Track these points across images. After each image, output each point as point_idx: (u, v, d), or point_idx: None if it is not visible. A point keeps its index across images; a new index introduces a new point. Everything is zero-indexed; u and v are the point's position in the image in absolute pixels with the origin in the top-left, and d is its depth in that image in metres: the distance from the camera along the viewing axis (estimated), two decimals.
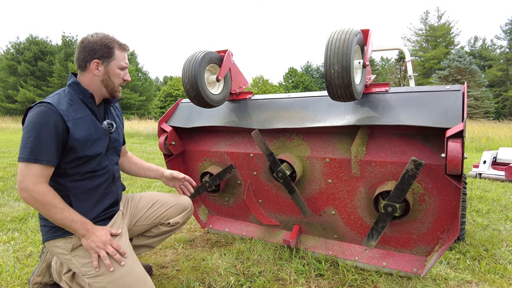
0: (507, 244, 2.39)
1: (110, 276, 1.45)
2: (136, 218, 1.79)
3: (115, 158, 1.71)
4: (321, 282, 1.85)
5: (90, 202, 1.54)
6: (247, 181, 2.37)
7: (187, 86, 1.98)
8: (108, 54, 1.53)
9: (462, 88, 1.69)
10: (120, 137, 1.76)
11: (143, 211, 1.81)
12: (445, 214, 1.78)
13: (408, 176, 1.62)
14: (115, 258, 1.47)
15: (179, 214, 1.88)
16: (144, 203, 1.84)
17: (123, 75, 1.61)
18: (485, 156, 5.30)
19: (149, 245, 1.88)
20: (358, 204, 2.01)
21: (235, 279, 1.85)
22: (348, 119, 1.86)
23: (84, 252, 1.48)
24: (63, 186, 1.48)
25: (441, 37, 36.65)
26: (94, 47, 1.52)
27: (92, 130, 1.52)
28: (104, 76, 1.55)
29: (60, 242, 1.50)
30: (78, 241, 1.48)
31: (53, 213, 1.40)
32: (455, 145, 1.50)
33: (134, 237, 1.84)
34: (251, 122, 2.19)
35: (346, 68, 1.52)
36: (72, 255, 1.49)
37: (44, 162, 1.36)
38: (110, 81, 1.57)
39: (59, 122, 1.40)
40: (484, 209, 3.27)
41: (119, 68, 1.57)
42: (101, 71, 1.54)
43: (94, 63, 1.52)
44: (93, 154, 1.51)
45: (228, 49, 2.19)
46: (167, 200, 1.88)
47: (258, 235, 2.43)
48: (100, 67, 1.53)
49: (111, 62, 1.55)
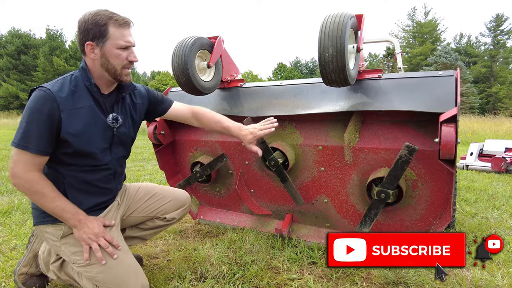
0: (495, 231, 2.42)
1: (100, 266, 1.41)
2: (131, 209, 1.71)
3: (122, 152, 1.58)
4: (314, 269, 1.83)
5: (85, 194, 1.46)
6: (239, 170, 2.34)
7: (177, 72, 1.93)
8: (101, 34, 1.33)
9: (455, 74, 1.68)
10: (132, 130, 1.60)
11: (140, 202, 1.73)
12: (437, 200, 1.79)
13: (402, 162, 1.61)
14: (107, 251, 1.41)
15: (177, 210, 1.80)
16: (142, 195, 1.75)
17: (127, 56, 1.39)
18: (472, 148, 5.39)
19: (142, 237, 1.82)
20: (351, 192, 2.00)
21: (228, 268, 1.82)
22: (341, 106, 1.84)
23: (75, 240, 1.42)
24: (59, 173, 1.40)
25: (427, 33, 37.10)
26: (87, 27, 1.33)
27: (90, 123, 1.38)
28: (101, 59, 1.36)
29: (50, 228, 1.43)
30: (69, 230, 1.42)
31: (43, 202, 1.33)
32: (449, 129, 1.50)
33: (127, 228, 1.77)
34: (243, 110, 2.16)
35: (341, 52, 1.50)
36: (61, 242, 1.43)
37: (33, 151, 1.28)
38: (110, 64, 1.37)
39: (54, 110, 1.28)
40: (472, 199, 3.32)
41: (118, 48, 1.36)
42: (97, 54, 1.36)
43: (88, 46, 1.34)
44: (91, 150, 1.39)
45: (219, 35, 2.14)
46: (165, 194, 1.79)
47: (250, 225, 2.40)
48: (95, 49, 1.35)
49: (106, 42, 1.34)
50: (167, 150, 2.55)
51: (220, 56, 2.17)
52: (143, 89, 1.69)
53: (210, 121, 1.78)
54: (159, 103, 1.74)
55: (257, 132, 1.70)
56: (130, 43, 1.40)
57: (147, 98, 1.69)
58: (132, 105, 1.60)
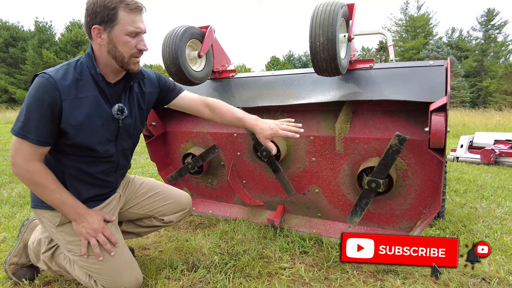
0: (483, 220, 2.46)
1: (97, 259, 1.40)
2: (131, 204, 1.67)
3: (127, 143, 1.50)
4: (306, 259, 1.85)
5: (85, 185, 1.42)
6: (231, 161, 2.33)
7: (168, 62, 1.91)
8: (110, 18, 1.23)
9: (445, 64, 1.69)
10: (139, 121, 1.52)
11: (141, 198, 1.68)
12: (427, 189, 1.81)
13: (392, 152, 1.62)
14: (105, 247, 1.40)
15: (176, 213, 1.74)
16: (144, 191, 1.70)
17: (136, 43, 1.30)
18: (462, 141, 5.45)
19: (137, 233, 1.79)
20: (342, 182, 2.01)
21: (220, 258, 1.82)
22: (332, 95, 1.84)
23: (71, 229, 1.41)
24: (59, 162, 1.36)
25: (420, 27, 37.26)
26: (95, 9, 1.23)
27: (93, 114, 1.31)
28: (109, 46, 1.27)
29: (47, 214, 1.41)
30: (66, 218, 1.40)
31: (43, 193, 1.30)
32: (439, 118, 1.50)
33: (124, 222, 1.74)
34: (234, 100, 2.15)
35: (332, 40, 1.50)
36: (57, 230, 1.41)
37: (33, 141, 1.23)
38: (118, 52, 1.28)
39: (56, 99, 1.22)
40: (462, 189, 3.36)
41: (127, 35, 1.27)
42: (104, 40, 1.27)
43: (95, 30, 1.25)
44: (92, 142, 1.33)
45: (210, 25, 2.12)
46: (167, 194, 1.73)
47: (242, 216, 2.41)
48: (102, 34, 1.26)
49: (114, 27, 1.25)
50: (158, 142, 2.53)
51: (211, 46, 2.15)
52: (153, 76, 1.58)
53: (226, 114, 1.64)
54: (170, 91, 1.63)
55: (279, 131, 1.54)
56: (141, 30, 1.30)
57: (158, 86, 1.58)
58: (141, 94, 1.50)
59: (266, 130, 1.55)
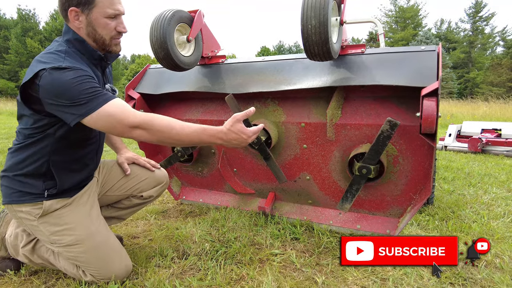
0: (471, 206, 2.50)
1: (83, 247, 1.36)
2: (106, 188, 1.66)
3: None
4: (297, 245, 1.85)
5: (69, 172, 1.39)
6: (221, 149, 2.30)
7: (155, 46, 1.85)
8: (87, 0, 1.23)
9: (437, 49, 1.68)
10: None
11: (115, 180, 1.68)
12: (418, 175, 1.81)
13: (383, 137, 1.61)
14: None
15: (153, 188, 1.76)
16: (117, 172, 1.70)
17: (115, 26, 1.31)
18: (450, 130, 5.52)
19: (119, 217, 1.78)
20: (333, 168, 2.00)
21: (210, 245, 1.80)
22: (324, 81, 1.82)
23: (55, 219, 1.36)
24: (45, 149, 1.31)
25: (409, 18, 37.41)
26: None
27: None
28: (87, 28, 1.27)
29: (26, 207, 1.35)
30: (49, 207, 1.34)
31: (174, 134, 1.24)
32: (430, 103, 1.50)
33: (103, 208, 1.71)
34: (224, 87, 2.11)
35: (324, 23, 1.47)
36: (40, 221, 1.36)
37: (110, 98, 1.20)
38: (98, 34, 1.28)
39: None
40: (450, 177, 3.41)
41: (106, 17, 1.27)
42: (82, 22, 1.26)
43: (72, 12, 1.24)
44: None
45: (199, 9, 2.06)
46: (142, 171, 1.74)
47: (233, 204, 2.39)
48: (80, 16, 1.25)
49: (92, 9, 1.25)
50: None
51: (201, 30, 2.10)
52: None
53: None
54: None
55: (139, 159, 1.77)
56: (120, 12, 1.31)
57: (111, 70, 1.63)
58: (110, 74, 1.54)
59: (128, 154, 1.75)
